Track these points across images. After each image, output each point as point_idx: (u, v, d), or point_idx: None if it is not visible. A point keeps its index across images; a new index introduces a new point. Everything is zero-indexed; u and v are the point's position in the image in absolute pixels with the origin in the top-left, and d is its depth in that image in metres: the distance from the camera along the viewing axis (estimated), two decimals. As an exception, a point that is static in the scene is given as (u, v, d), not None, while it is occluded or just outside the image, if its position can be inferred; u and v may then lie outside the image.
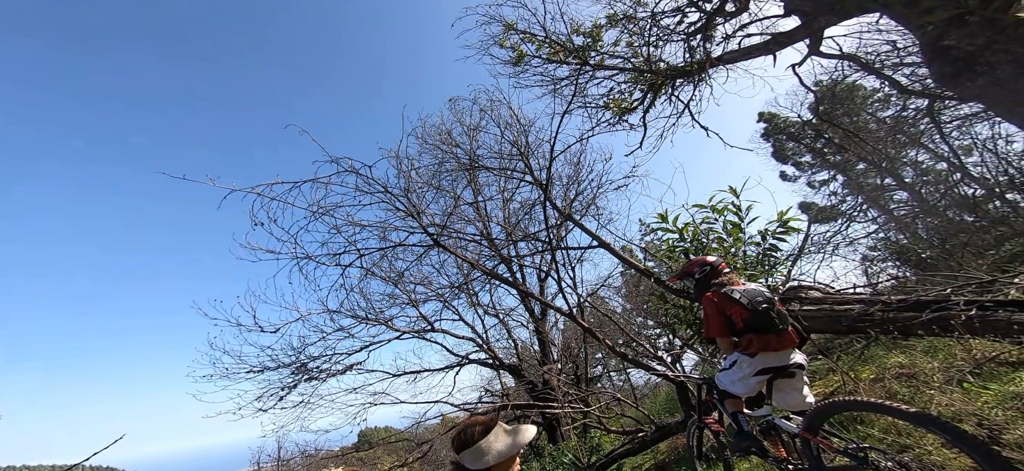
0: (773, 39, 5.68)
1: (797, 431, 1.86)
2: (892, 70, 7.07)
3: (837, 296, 3.06)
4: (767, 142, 14.10)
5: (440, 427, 7.51)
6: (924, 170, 10.41)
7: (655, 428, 3.98)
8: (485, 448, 1.22)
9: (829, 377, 3.42)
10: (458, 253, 5.77)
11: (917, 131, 9.72)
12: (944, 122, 8.31)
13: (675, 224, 4.33)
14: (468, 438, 1.25)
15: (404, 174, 5.55)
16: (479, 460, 1.20)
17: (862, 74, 7.76)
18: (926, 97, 7.19)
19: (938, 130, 8.22)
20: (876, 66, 6.80)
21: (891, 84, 7.25)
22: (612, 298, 8.74)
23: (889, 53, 6.70)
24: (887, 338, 2.55)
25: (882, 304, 2.53)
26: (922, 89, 7.11)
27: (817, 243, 10.74)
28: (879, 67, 6.85)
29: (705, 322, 2.22)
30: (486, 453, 1.21)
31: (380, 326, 6.28)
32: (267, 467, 6.65)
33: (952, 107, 8.06)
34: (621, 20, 5.92)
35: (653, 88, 6.29)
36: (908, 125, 9.72)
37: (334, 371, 6.09)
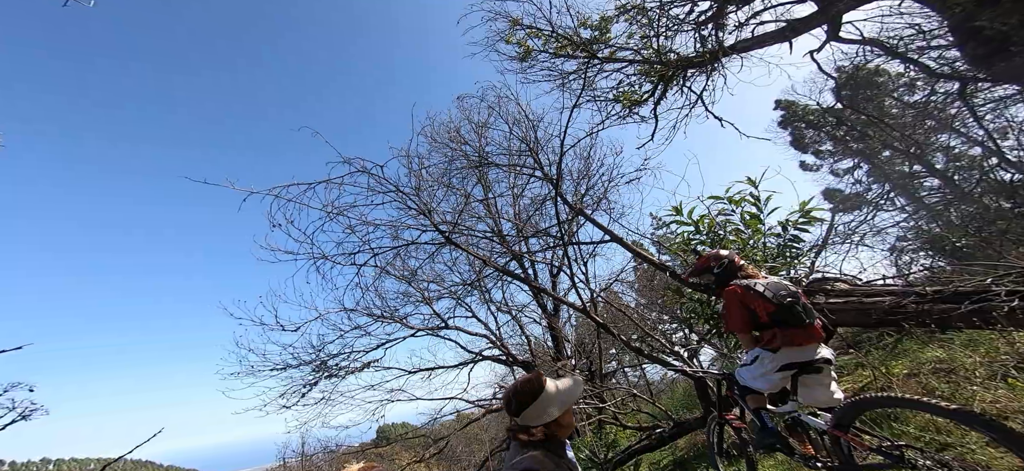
0: (789, 26, 5.47)
1: (826, 428, 1.79)
2: (918, 53, 6.72)
3: (866, 288, 2.93)
4: (785, 131, 13.63)
5: (455, 424, 7.59)
6: (956, 155, 9.87)
7: (673, 424, 3.92)
8: (547, 402, 1.15)
9: (858, 372, 3.28)
10: (470, 250, 5.80)
11: (948, 115, 9.23)
12: (977, 105, 7.86)
13: (690, 217, 4.23)
14: (527, 396, 1.18)
15: (415, 173, 5.60)
16: (543, 415, 1.14)
17: (885, 59, 7.40)
18: (957, 80, 6.82)
19: (971, 113, 7.79)
20: (900, 50, 6.47)
21: (918, 68, 6.90)
22: (626, 293, 8.64)
23: (914, 36, 6.37)
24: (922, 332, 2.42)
25: (916, 295, 2.41)
26: (952, 72, 6.74)
27: (842, 233, 10.35)
28: (904, 51, 6.51)
29: (727, 316, 2.16)
30: (550, 405, 1.15)
31: (395, 324, 6.38)
32: (292, 462, 6.88)
33: (985, 89, 7.61)
34: (629, 11, 5.79)
35: (664, 79, 6.14)
36: (938, 109, 9.24)
37: (352, 368, 6.22)
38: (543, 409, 1.15)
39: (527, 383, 1.22)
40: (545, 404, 1.16)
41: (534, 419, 1.16)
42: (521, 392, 1.20)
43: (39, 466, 52.19)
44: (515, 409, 1.19)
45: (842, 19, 5.32)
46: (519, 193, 7.64)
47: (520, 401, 1.18)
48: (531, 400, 1.17)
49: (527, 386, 1.21)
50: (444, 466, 8.35)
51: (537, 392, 1.18)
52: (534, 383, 1.21)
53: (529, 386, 1.21)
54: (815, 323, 2.01)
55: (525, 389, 1.21)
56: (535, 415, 1.16)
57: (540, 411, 1.15)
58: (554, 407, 1.16)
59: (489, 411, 7.07)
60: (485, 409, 7.05)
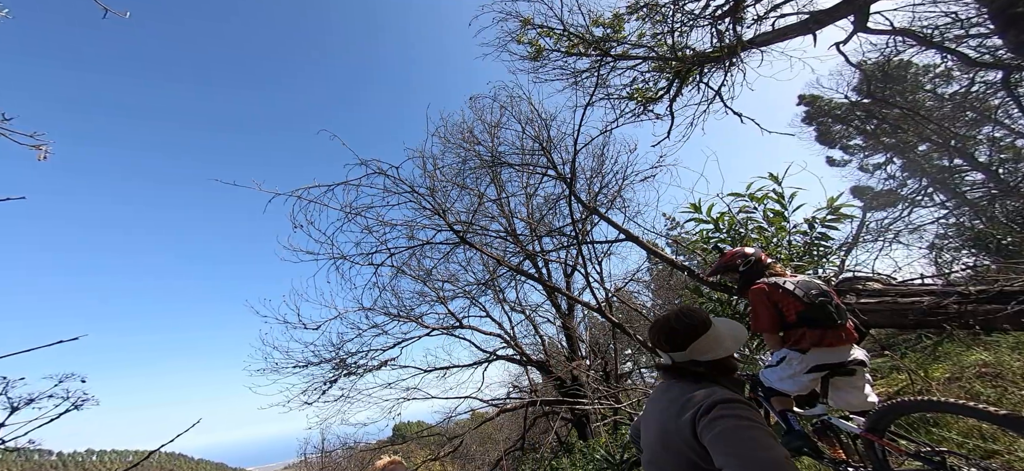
0: (812, 17, 5.25)
1: (859, 432, 1.71)
2: (955, 42, 6.33)
3: (901, 288, 2.78)
4: (810, 126, 13.08)
5: (469, 422, 7.64)
6: (1001, 148, 9.22)
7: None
8: (719, 336, 1.03)
9: (892, 376, 3.11)
10: (484, 250, 5.84)
11: (990, 105, 8.63)
12: (1022, 94, 7.32)
13: (709, 214, 4.12)
14: (698, 326, 1.04)
15: (429, 174, 5.70)
16: (717, 348, 1.02)
17: (918, 49, 7.00)
18: (1000, 68, 6.39)
19: (1016, 103, 7.27)
20: (936, 39, 6.11)
21: (956, 57, 6.50)
22: (641, 293, 8.48)
23: (950, 25, 6.00)
24: (965, 334, 2.27)
25: (958, 296, 2.27)
26: (994, 60, 6.31)
27: (874, 231, 9.83)
28: (939, 40, 6.15)
29: (754, 315, 2.08)
30: (724, 339, 1.03)
31: (411, 323, 6.49)
32: (313, 458, 7.09)
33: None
34: (642, 8, 5.69)
35: (679, 76, 6.00)
36: (979, 99, 8.66)
37: (370, 366, 6.37)
38: (717, 343, 1.03)
39: (693, 313, 1.08)
40: (718, 338, 1.03)
41: (704, 352, 1.02)
42: (690, 323, 1.06)
43: (84, 456, 55.87)
44: (681, 341, 1.04)
45: (870, 9, 5.07)
46: (532, 192, 7.64)
47: (690, 332, 1.04)
48: (702, 331, 1.04)
49: (696, 316, 1.07)
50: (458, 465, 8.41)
51: (707, 323, 1.05)
52: (701, 314, 1.08)
53: (698, 316, 1.07)
54: (847, 324, 1.92)
55: (694, 319, 1.07)
56: (706, 348, 1.02)
57: (712, 344, 1.02)
58: (729, 341, 1.04)
59: (503, 410, 7.08)
60: (499, 408, 7.06)
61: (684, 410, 0.93)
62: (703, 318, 1.07)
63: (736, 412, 0.85)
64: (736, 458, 0.77)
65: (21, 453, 43.36)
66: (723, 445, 0.81)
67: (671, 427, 0.95)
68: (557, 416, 7.04)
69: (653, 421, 1.04)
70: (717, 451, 0.81)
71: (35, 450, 44.66)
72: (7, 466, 36.94)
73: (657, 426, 1.00)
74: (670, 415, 0.96)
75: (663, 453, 0.96)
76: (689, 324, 1.06)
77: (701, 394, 0.93)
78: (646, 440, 1.07)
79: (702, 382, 0.99)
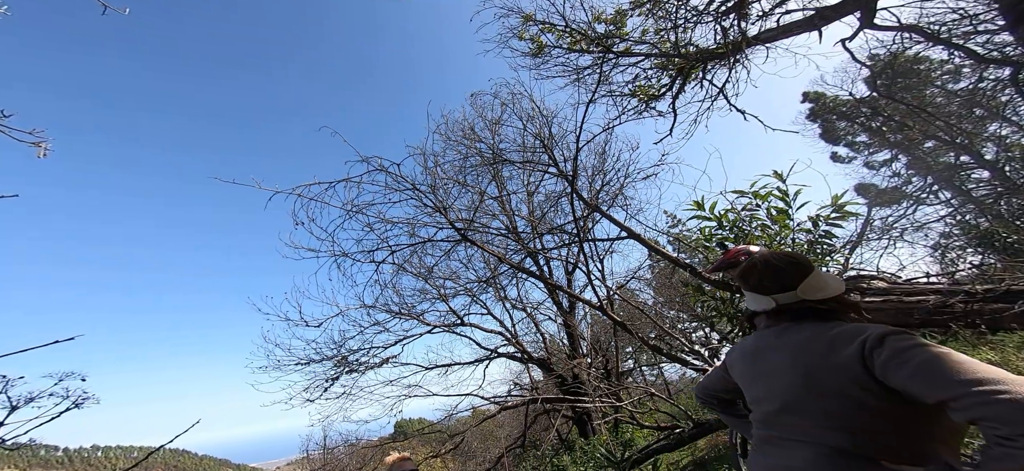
0: (817, 14, 5.17)
1: None
2: (963, 39, 6.24)
3: (906, 286, 2.76)
4: (814, 123, 12.98)
5: (471, 420, 7.67)
6: (1008, 145, 9.11)
7: (693, 424, 3.81)
8: (825, 276, 0.99)
9: (896, 375, 3.08)
10: (485, 247, 5.83)
11: (998, 102, 8.53)
12: (1034, 91, 7.23)
13: (712, 212, 4.09)
14: (804, 265, 0.99)
15: (430, 171, 5.68)
16: (827, 288, 0.97)
17: (926, 46, 6.91)
18: (1008, 65, 6.30)
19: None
20: (944, 36, 6.02)
21: (965, 53, 6.41)
22: (643, 290, 8.46)
23: (958, 21, 5.92)
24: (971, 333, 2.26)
25: (965, 294, 2.25)
26: (1003, 57, 6.23)
27: (878, 229, 9.76)
28: (947, 37, 6.06)
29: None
30: (830, 280, 0.99)
31: (412, 321, 6.51)
32: (315, 454, 7.15)
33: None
34: (646, 3, 5.63)
35: (682, 73, 5.95)
36: (987, 96, 8.55)
37: (371, 364, 6.39)
38: (824, 282, 0.97)
39: (795, 253, 1.05)
40: (825, 277, 0.99)
41: (815, 292, 0.96)
42: (797, 261, 1.01)
43: (90, 452, 56.55)
44: (791, 280, 0.99)
45: (877, 5, 4.99)
46: (533, 190, 7.62)
47: (799, 271, 0.99)
48: (811, 269, 1.00)
49: (797, 256, 1.03)
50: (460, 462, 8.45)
51: (810, 263, 1.01)
52: (801, 255, 1.04)
53: (799, 256, 1.03)
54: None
55: (800, 257, 1.02)
56: (817, 287, 0.96)
57: (821, 283, 0.97)
58: (833, 282, 0.99)
59: (504, 408, 7.09)
60: (500, 406, 7.07)
61: (836, 348, 0.85)
62: (807, 260, 1.02)
63: (915, 341, 0.79)
64: (961, 385, 0.69)
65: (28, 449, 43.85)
66: (935, 376, 0.72)
67: (821, 367, 0.86)
68: (558, 414, 7.05)
69: (784, 366, 0.94)
70: (929, 385, 0.73)
71: (41, 446, 44.99)
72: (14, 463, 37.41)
73: (796, 371, 0.90)
74: (815, 355, 0.88)
75: (810, 396, 0.87)
76: (796, 262, 1.01)
77: (851, 329, 0.86)
78: (769, 389, 0.97)
79: (830, 319, 0.94)
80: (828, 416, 0.85)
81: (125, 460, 52.85)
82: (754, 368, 1.04)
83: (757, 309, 1.07)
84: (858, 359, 0.82)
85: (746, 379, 1.08)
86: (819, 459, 0.85)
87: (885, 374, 0.78)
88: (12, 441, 1.34)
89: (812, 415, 0.88)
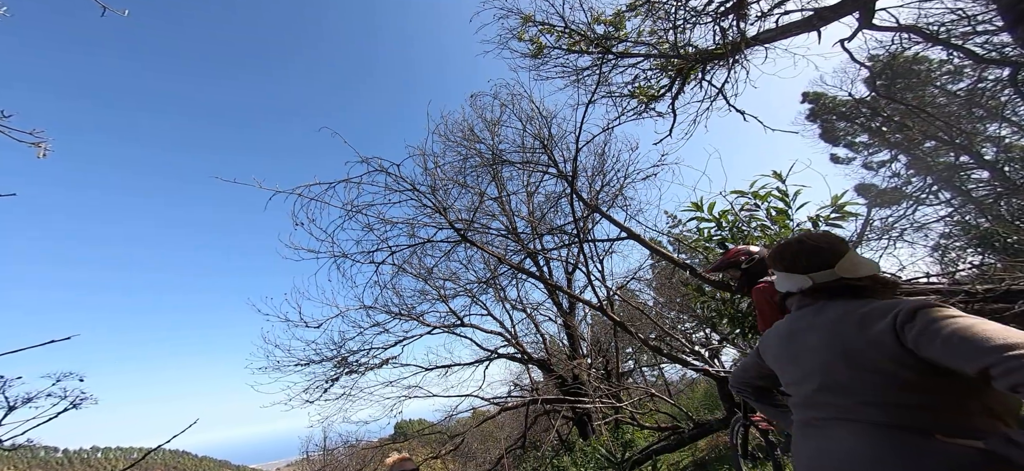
0: (816, 14, 5.18)
1: None
2: (962, 39, 6.25)
3: (906, 286, 2.75)
4: (814, 123, 12.99)
5: (471, 421, 7.65)
6: (1007, 146, 9.11)
7: (693, 425, 3.81)
8: (857, 255, 1.00)
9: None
10: (485, 248, 5.82)
11: (998, 103, 8.54)
12: (1032, 91, 7.23)
13: (711, 212, 4.09)
14: (841, 243, 1.01)
15: (430, 172, 5.68)
16: (860, 266, 0.98)
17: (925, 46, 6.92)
18: (1008, 65, 6.31)
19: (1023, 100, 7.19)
20: (942, 36, 6.03)
21: (964, 54, 6.42)
22: (643, 291, 8.46)
23: (956, 21, 5.93)
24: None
25: (965, 294, 2.25)
26: (1002, 57, 6.24)
27: (878, 229, 9.76)
28: (946, 37, 6.07)
29: (759, 315, 2.07)
30: (862, 259, 1.00)
31: (412, 321, 6.50)
32: (315, 455, 7.13)
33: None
34: (644, 4, 5.63)
35: (682, 73, 5.95)
36: (986, 97, 8.56)
37: (371, 365, 6.38)
38: (860, 261, 1.00)
39: (831, 233, 1.07)
40: (858, 257, 1.01)
41: (853, 270, 0.98)
42: (832, 240, 1.03)
43: (89, 453, 56.36)
44: (828, 259, 1.00)
45: (875, 6, 4.99)
46: (533, 190, 7.62)
47: (835, 250, 1.01)
48: (846, 248, 1.02)
49: (833, 235, 1.06)
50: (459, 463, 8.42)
51: (846, 242, 1.03)
52: (836, 235, 1.07)
53: (836, 235, 1.05)
54: None
55: (835, 237, 1.04)
56: (852, 266, 0.98)
57: (856, 263, 0.99)
58: (868, 262, 0.99)
59: (504, 408, 7.07)
60: (500, 406, 7.06)
61: (870, 323, 0.85)
62: (840, 239, 1.04)
63: (947, 312, 0.78)
64: (994, 351, 0.67)
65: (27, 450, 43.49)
66: (967, 346, 0.71)
67: (857, 343, 0.86)
68: (558, 415, 7.03)
69: (821, 345, 0.94)
70: (962, 356, 0.72)
71: (41, 447, 44.59)
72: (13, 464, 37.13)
73: (832, 348, 0.91)
74: (850, 332, 0.89)
75: (851, 372, 0.87)
76: (832, 241, 1.03)
77: (884, 305, 0.87)
78: (806, 369, 0.97)
79: (863, 296, 0.95)
80: (867, 392, 0.84)
81: (125, 461, 52.60)
82: (789, 350, 1.03)
83: (791, 289, 1.07)
84: (891, 333, 0.81)
85: (781, 362, 1.07)
86: (862, 436, 0.84)
87: (918, 347, 0.77)
88: (10, 441, 1.33)
89: (851, 392, 0.87)
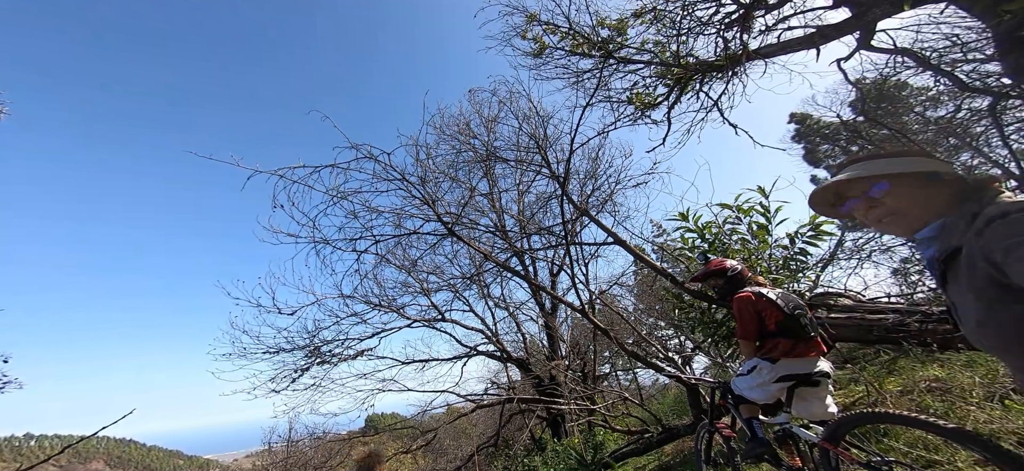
0: (818, 32, 5.25)
1: (817, 440, 1.76)
2: (951, 66, 6.44)
3: (869, 305, 2.86)
4: (798, 144, 13.33)
5: (445, 417, 7.59)
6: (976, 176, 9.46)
7: (662, 429, 3.87)
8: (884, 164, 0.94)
9: (850, 387, 3.21)
10: (471, 243, 5.78)
11: (973, 133, 8.88)
12: (1006, 123, 7.54)
13: (696, 223, 4.16)
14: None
15: (421, 163, 5.60)
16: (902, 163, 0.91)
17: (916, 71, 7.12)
18: (990, 94, 6.53)
19: (999, 132, 7.47)
20: (933, 62, 6.20)
21: (951, 80, 6.62)
22: (624, 297, 8.55)
23: (949, 48, 6.11)
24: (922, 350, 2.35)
25: (921, 315, 2.34)
26: (984, 86, 6.46)
27: (849, 249, 10.08)
28: (937, 63, 6.25)
29: (739, 323, 2.13)
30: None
31: (392, 313, 6.41)
32: (278, 447, 6.96)
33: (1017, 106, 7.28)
34: (650, 11, 5.64)
35: (680, 83, 6.00)
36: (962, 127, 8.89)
37: (345, 356, 6.25)
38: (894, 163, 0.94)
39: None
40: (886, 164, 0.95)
41: (896, 168, 0.92)
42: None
43: (21, 441, 53.13)
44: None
45: (876, 27, 5.10)
46: (524, 190, 7.61)
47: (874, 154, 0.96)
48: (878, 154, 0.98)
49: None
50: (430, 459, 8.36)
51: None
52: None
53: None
54: (816, 337, 2.01)
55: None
56: (906, 165, 0.92)
57: (902, 165, 0.93)
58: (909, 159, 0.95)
59: (480, 406, 7.05)
60: (476, 404, 7.03)
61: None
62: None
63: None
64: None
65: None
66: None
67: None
68: (533, 414, 7.05)
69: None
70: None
71: None
72: (-64, 452, 34.87)
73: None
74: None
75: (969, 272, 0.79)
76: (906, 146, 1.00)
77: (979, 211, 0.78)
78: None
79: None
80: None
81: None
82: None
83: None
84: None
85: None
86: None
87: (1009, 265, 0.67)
88: None
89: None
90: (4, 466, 38.69)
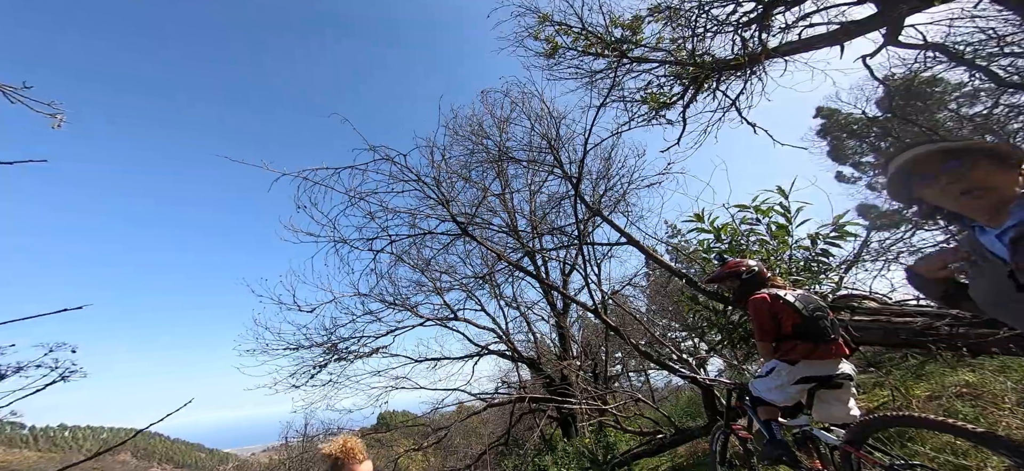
0: (842, 28, 5.06)
1: (838, 444, 1.73)
2: (988, 60, 6.10)
3: (896, 308, 2.76)
4: (824, 140, 12.84)
5: (456, 415, 7.67)
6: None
7: (675, 431, 3.82)
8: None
9: (874, 391, 3.11)
10: (484, 243, 5.84)
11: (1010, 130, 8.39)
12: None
13: (712, 225, 4.10)
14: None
15: (435, 164, 5.71)
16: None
17: (948, 66, 6.76)
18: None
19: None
20: (968, 56, 5.88)
21: (987, 75, 6.27)
22: (637, 297, 8.44)
23: (984, 42, 5.78)
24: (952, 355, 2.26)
25: (952, 318, 2.26)
26: (1022, 81, 6.09)
27: (875, 251, 9.66)
28: (971, 57, 5.92)
29: (755, 325, 2.10)
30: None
31: (406, 312, 6.53)
32: (294, 441, 7.18)
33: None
34: (664, 10, 5.56)
35: (696, 82, 5.89)
36: (999, 123, 8.41)
37: (361, 353, 6.40)
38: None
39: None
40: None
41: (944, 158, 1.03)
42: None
43: (56, 432, 55.44)
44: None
45: (904, 22, 4.89)
46: (537, 190, 7.62)
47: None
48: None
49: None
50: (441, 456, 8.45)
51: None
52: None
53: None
54: (838, 339, 1.97)
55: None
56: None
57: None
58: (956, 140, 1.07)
59: (491, 405, 7.10)
60: (487, 402, 7.08)
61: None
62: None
63: None
64: None
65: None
66: None
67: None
68: (544, 414, 7.05)
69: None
70: None
71: (8, 422, 42.97)
72: (-24, 440, 36.65)
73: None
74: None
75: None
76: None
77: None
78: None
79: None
80: None
81: (94, 440, 51.93)
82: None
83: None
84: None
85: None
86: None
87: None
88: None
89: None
90: (49, 456, 40.89)
